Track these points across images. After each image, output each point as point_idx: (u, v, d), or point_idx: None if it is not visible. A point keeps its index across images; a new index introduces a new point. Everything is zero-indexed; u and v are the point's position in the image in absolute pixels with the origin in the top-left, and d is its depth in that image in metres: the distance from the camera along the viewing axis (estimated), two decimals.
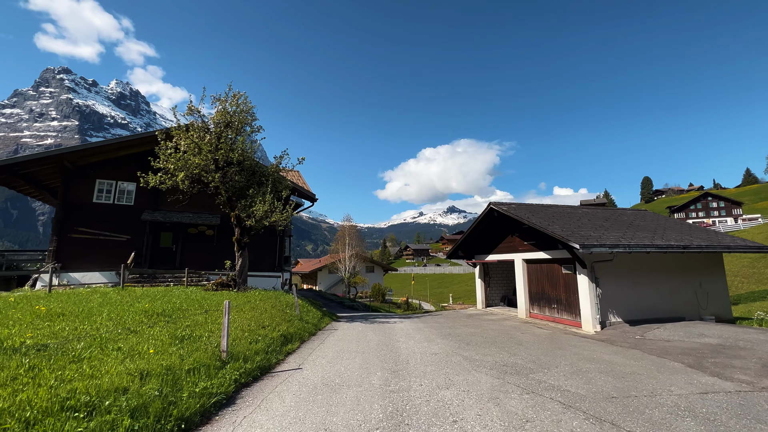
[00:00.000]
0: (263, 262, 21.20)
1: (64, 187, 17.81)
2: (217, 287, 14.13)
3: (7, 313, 7.52)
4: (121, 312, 8.11)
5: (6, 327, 6.28)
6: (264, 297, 12.92)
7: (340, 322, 14.64)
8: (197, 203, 20.65)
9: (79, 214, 18.01)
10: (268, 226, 17.51)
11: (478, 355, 8.40)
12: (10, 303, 9.33)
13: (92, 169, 18.64)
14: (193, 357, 5.65)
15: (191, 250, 20.41)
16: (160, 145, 14.95)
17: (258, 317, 9.63)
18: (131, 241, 18.87)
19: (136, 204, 19.41)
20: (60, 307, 8.43)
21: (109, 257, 17.85)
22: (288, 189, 16.36)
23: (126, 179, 19.22)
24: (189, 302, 10.19)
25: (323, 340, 10.02)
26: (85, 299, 10.04)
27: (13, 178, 17.00)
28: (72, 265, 17.41)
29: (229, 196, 15.30)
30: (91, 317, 7.48)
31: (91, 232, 18.12)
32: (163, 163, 14.73)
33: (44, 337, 5.75)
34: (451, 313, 19.68)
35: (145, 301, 9.63)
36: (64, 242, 17.55)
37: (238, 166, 15.41)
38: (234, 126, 15.45)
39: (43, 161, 16.78)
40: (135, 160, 18.90)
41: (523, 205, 17.51)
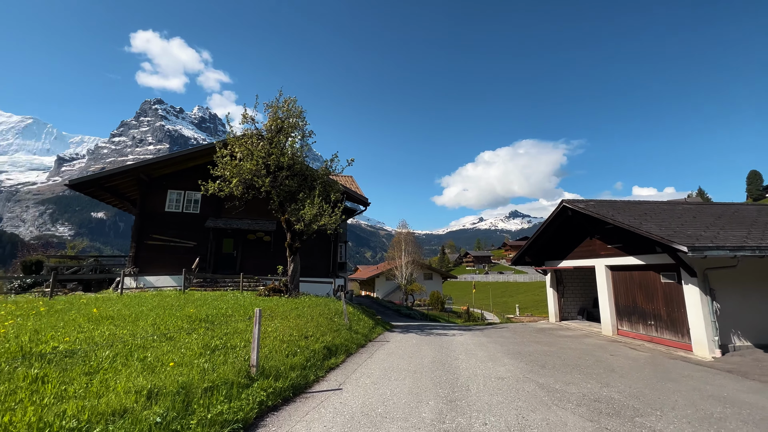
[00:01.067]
0: (317, 268, 21.05)
1: (141, 198, 19.43)
2: (269, 293, 13.99)
3: (67, 315, 7.73)
4: (167, 317, 7.96)
5: (54, 329, 6.28)
6: (313, 304, 12.38)
7: (394, 333, 13.59)
8: (255, 210, 21.25)
9: (153, 222, 19.49)
10: (321, 232, 17.27)
11: (557, 383, 6.74)
12: (81, 304, 9.85)
13: (164, 180, 20.12)
14: (218, 372, 5.00)
15: (250, 255, 21.00)
16: (218, 154, 15.43)
17: (302, 326, 8.98)
18: (197, 247, 19.92)
19: (202, 212, 20.51)
20: (115, 310, 8.58)
21: (178, 262, 18.96)
22: (338, 192, 15.92)
23: (193, 189, 20.41)
24: (236, 308, 9.94)
25: (371, 354, 9.04)
26: (143, 302, 10.30)
27: (100, 191, 18.93)
28: (148, 269, 18.81)
29: (281, 200, 15.24)
30: (136, 321, 7.37)
31: (163, 238, 19.47)
32: (221, 171, 15.14)
33: (80, 342, 5.55)
34: (519, 326, 17.53)
35: (192, 306, 9.54)
36: (141, 248, 19.05)
37: (289, 170, 15.31)
38: (285, 131, 15.45)
39: (123, 174, 18.44)
40: (200, 170, 19.97)
41: (603, 201, 14.98)
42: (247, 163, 14.16)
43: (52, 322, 6.93)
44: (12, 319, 7.07)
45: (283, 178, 14.92)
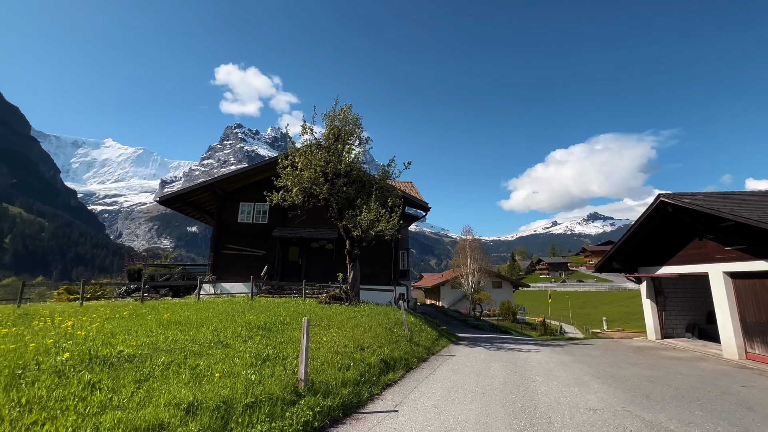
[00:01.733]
0: (378, 276, 20.75)
1: (218, 211, 21.12)
2: (330, 300, 13.93)
3: (145, 319, 8.27)
4: (228, 323, 8.10)
5: (127, 333, 6.64)
6: (372, 312, 11.95)
7: (460, 346, 12.55)
8: (318, 219, 21.77)
9: (228, 233, 21.00)
10: (380, 239, 16.94)
11: (672, 421, 5.28)
12: (161, 309, 10.66)
13: (237, 194, 21.65)
14: (264, 385, 4.69)
15: (314, 263, 21.50)
16: (280, 165, 16.04)
17: (359, 336, 8.54)
18: (266, 256, 20.97)
19: (270, 222, 21.60)
20: (185, 315, 9.02)
21: (249, 270, 20.09)
22: (397, 197, 15.46)
23: (261, 201, 21.58)
24: (294, 315, 9.89)
25: (434, 370, 8.23)
26: (212, 308, 10.80)
27: (184, 206, 21.01)
28: (224, 276, 20.24)
29: (339, 207, 15.25)
30: (200, 327, 7.58)
31: (236, 248, 20.87)
32: (283, 181, 15.69)
33: (144, 347, 5.72)
34: (608, 343, 15.16)
35: (253, 313, 9.70)
36: (218, 257, 20.61)
37: (346, 177, 15.30)
38: (342, 138, 15.53)
39: (202, 190, 20.22)
40: (267, 183, 21.06)
41: (715, 194, 12.32)
42: (306, 172, 14.43)
43: (129, 325, 7.41)
44: (99, 321, 7.73)
45: (341, 185, 14.92)
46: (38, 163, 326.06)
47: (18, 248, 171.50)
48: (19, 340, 5.69)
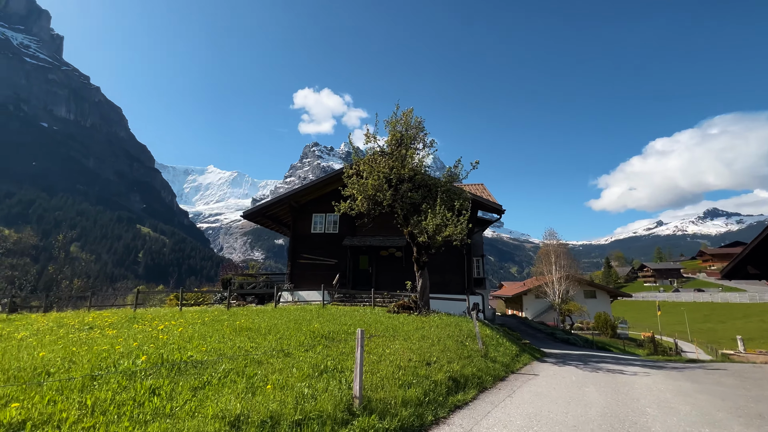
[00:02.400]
0: (450, 284, 19.77)
1: (293, 222, 22.39)
2: (398, 309, 13.51)
3: (222, 325, 8.77)
4: (294, 331, 8.15)
5: (201, 338, 7.02)
6: (442, 323, 11.18)
7: (546, 364, 11.05)
8: (386, 227, 21.66)
9: (303, 243, 22.08)
10: (450, 245, 16.10)
11: None
12: (239, 315, 11.35)
13: (309, 205, 22.73)
14: (317, 400, 4.40)
15: (384, 271, 21.39)
16: (345, 174, 16.33)
17: (425, 349, 7.91)
18: (338, 265, 21.49)
19: (340, 232, 22.18)
20: (257, 322, 9.38)
21: (323, 278, 20.74)
22: (465, 200, 14.55)
23: (332, 211, 22.24)
24: (360, 324, 9.65)
25: (512, 392, 7.19)
26: (284, 315, 11.15)
27: (264, 219, 22.73)
28: (301, 284, 21.24)
29: (405, 213, 14.87)
30: (267, 335, 7.73)
31: (311, 257, 21.79)
32: (349, 190, 15.91)
33: (211, 353, 5.91)
34: (748, 368, 12.02)
35: (319, 321, 9.70)
36: (295, 266, 21.74)
37: (410, 182, 14.90)
38: (404, 143, 15.24)
39: (278, 204, 21.66)
40: (336, 194, 21.65)
41: None
42: (370, 179, 14.39)
43: (207, 331, 7.89)
44: (183, 326, 8.40)
45: (405, 190, 14.55)
46: (160, 191, 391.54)
47: (148, 261, 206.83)
48: (113, 341, 6.33)
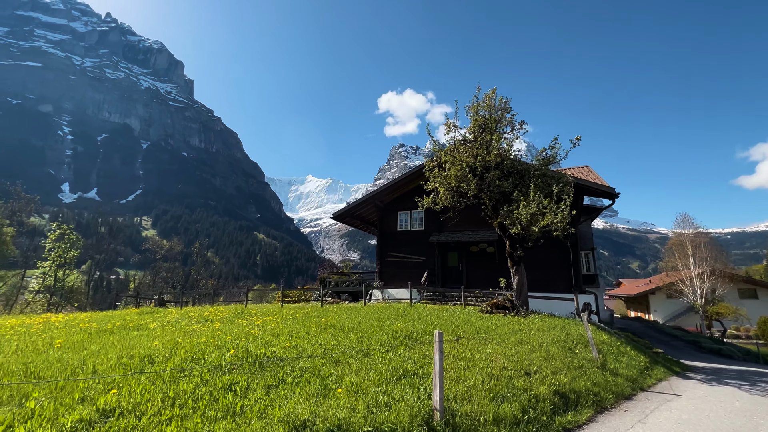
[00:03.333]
0: (552, 282, 17.52)
1: (379, 221, 22.64)
2: (492, 309, 12.31)
3: (309, 322, 9.02)
4: (376, 330, 7.87)
5: (288, 335, 7.20)
6: (544, 326, 9.73)
7: (690, 381, 8.72)
8: (475, 221, 20.33)
9: (389, 242, 22.15)
10: (549, 236, 14.19)
11: None
12: (328, 312, 11.67)
13: (394, 204, 22.70)
14: (392, 410, 3.92)
15: (475, 268, 20.10)
16: (426, 168, 15.72)
17: (523, 356, 6.82)
18: (425, 262, 20.95)
19: (426, 228, 21.60)
20: (343, 320, 9.41)
21: (411, 276, 20.43)
22: (566, 184, 12.61)
23: (416, 208, 21.85)
24: (448, 325, 8.92)
25: (644, 416, 5.66)
26: (370, 314, 11.06)
27: (352, 219, 23.50)
28: (390, 282, 21.33)
29: (493, 204, 13.57)
30: (349, 333, 7.60)
31: (398, 255, 21.72)
32: (431, 184, 15.26)
33: (293, 350, 5.94)
34: None
35: (404, 320, 9.26)
36: (384, 264, 21.93)
37: (498, 169, 13.53)
38: (489, 128, 13.95)
39: (364, 204, 22.11)
40: (419, 190, 21.24)
41: None
42: (452, 169, 13.52)
43: (295, 327, 8.14)
44: (276, 322, 8.85)
45: (493, 178, 13.26)
46: (270, 201, 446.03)
47: (264, 263, 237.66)
48: (214, 334, 6.88)
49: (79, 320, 9.90)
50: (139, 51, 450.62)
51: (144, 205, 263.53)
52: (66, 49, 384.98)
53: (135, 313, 13.03)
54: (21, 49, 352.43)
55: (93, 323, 9.04)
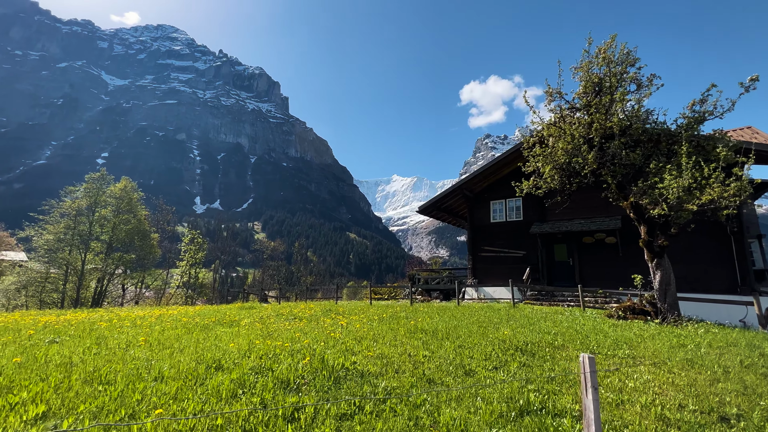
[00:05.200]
0: (704, 279, 13.52)
1: (469, 213, 20.72)
2: (625, 313, 9.64)
3: (397, 324, 7.98)
4: (477, 338, 6.40)
5: (374, 339, 6.23)
6: (716, 340, 6.98)
7: None
8: (587, 206, 17.09)
9: (482, 235, 20.08)
10: (703, 219, 10.75)
11: None
12: (418, 312, 10.53)
13: (485, 193, 20.51)
14: None
15: (590, 263, 16.82)
16: (525, 146, 13.49)
17: (705, 389, 4.63)
18: (526, 257, 18.36)
19: (525, 218, 18.97)
20: (434, 322, 8.14)
21: (510, 272, 18.13)
22: (732, 147, 9.28)
23: (511, 196, 19.45)
24: (570, 334, 6.94)
25: None
26: (466, 315, 9.56)
27: (439, 212, 21.99)
28: (485, 279, 19.30)
29: (618, 181, 10.78)
30: (444, 340, 6.29)
31: (493, 249, 19.52)
32: (532, 165, 13.02)
33: (377, 360, 4.90)
34: None
35: (510, 326, 7.54)
36: (477, 260, 19.96)
37: (624, 136, 10.69)
38: (605, 88, 11.17)
39: (451, 195, 20.43)
40: (514, 175, 18.76)
41: None
42: (560, 142, 11.14)
43: (380, 330, 7.17)
44: (361, 323, 8.02)
45: (617, 148, 10.50)
46: (359, 202, 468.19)
47: (356, 261, 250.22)
48: (293, 336, 6.28)
49: (188, 314, 10.58)
50: (244, 78, 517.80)
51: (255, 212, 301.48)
52: (192, 85, 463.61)
53: (237, 307, 13.79)
54: (162, 91, 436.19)
55: (197, 317, 9.46)
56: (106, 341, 5.85)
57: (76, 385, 3.45)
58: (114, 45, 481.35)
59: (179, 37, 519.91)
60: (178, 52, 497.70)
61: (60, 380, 3.60)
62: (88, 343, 5.65)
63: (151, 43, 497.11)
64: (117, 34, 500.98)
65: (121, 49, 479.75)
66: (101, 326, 7.71)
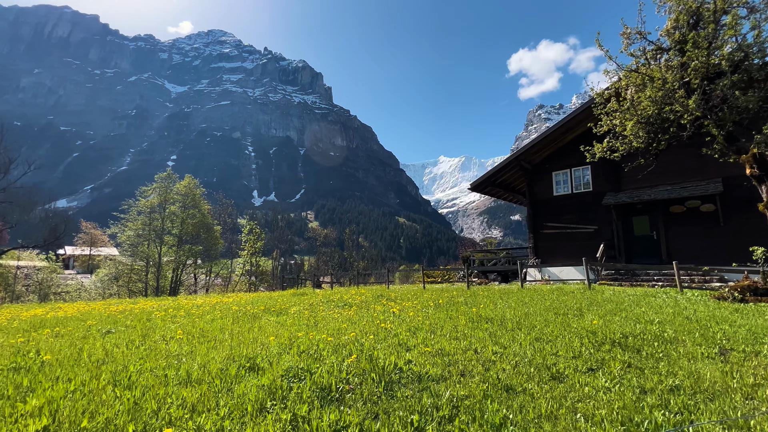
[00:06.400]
0: None
1: (528, 187, 18.80)
2: (743, 294, 7.74)
3: (456, 312, 7.08)
4: (557, 327, 5.28)
5: (430, 331, 5.40)
6: None
7: None
8: (674, 170, 14.52)
9: (544, 210, 18.14)
10: None
11: None
12: (478, 296, 9.50)
13: (546, 163, 18.41)
14: None
15: (680, 235, 14.35)
16: (597, 101, 11.52)
17: None
18: (598, 232, 16.22)
19: (596, 188, 16.70)
20: (499, 310, 7.08)
21: (578, 250, 16.17)
22: None
23: (578, 164, 17.23)
24: (680, 322, 5.51)
25: None
26: (536, 300, 8.34)
27: (493, 188, 20.28)
28: (549, 259, 17.50)
29: (729, 131, 8.63)
30: (516, 331, 5.27)
31: (557, 226, 17.56)
32: (607, 124, 11.11)
33: (436, 357, 4.06)
34: None
35: (597, 313, 6.24)
36: (538, 238, 18.15)
37: (736, 73, 8.47)
38: (704, 17, 8.94)
39: (507, 168, 18.62)
40: (582, 139, 16.48)
41: None
42: (648, 90, 9.19)
43: (437, 318, 6.31)
44: (415, 310, 7.23)
45: (726, 89, 8.35)
46: (407, 186, 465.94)
47: (407, 245, 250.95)
48: (341, 326, 5.67)
49: (241, 302, 10.59)
50: (289, 72, 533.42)
51: (307, 202, 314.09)
52: (242, 85, 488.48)
53: (290, 294, 13.78)
54: (217, 93, 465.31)
55: (248, 306, 9.36)
56: (154, 333, 5.69)
57: (96, 389, 3.06)
58: (173, 55, 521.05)
59: (227, 39, 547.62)
60: (228, 54, 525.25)
61: (85, 381, 3.26)
62: (134, 335, 5.52)
63: (203, 49, 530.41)
64: (174, 44, 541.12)
65: (179, 58, 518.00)
66: (157, 316, 7.79)
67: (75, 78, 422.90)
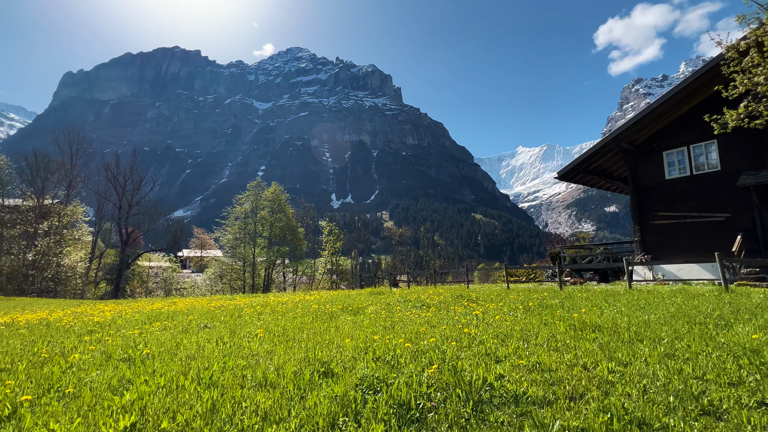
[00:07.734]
0: None
1: (630, 171, 16.14)
2: None
3: (550, 317, 6.15)
4: (695, 341, 4.11)
5: (522, 339, 4.67)
6: None
7: None
8: None
9: (653, 197, 15.40)
10: None
11: None
12: (575, 299, 8.27)
13: (653, 141, 15.60)
14: None
15: None
16: (727, 57, 9.26)
17: None
18: (732, 220, 13.15)
19: (725, 167, 13.59)
20: (608, 315, 5.94)
21: (702, 244, 13.31)
22: None
23: (699, 139, 14.21)
24: None
25: None
26: (653, 304, 6.87)
27: (585, 175, 17.88)
28: (660, 255, 14.77)
29: None
30: (635, 343, 4.24)
31: (672, 215, 14.73)
32: (744, 84, 8.86)
33: (534, 374, 3.39)
34: None
35: (751, 324, 4.76)
36: (646, 230, 15.47)
37: None
38: None
39: (602, 151, 16.23)
40: (703, 109, 13.55)
41: None
42: None
43: (529, 323, 5.49)
44: (501, 314, 6.47)
45: None
46: (482, 181, 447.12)
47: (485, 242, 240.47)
48: (419, 330, 5.25)
49: (321, 300, 10.88)
50: (359, 78, 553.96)
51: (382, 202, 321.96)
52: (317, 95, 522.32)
53: (368, 293, 13.85)
54: (296, 106, 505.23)
55: (327, 304, 9.53)
56: (241, 330, 5.96)
57: (181, 386, 3.13)
58: (258, 75, 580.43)
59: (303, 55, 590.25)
60: (304, 69, 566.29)
61: (174, 377, 3.38)
62: (224, 332, 5.84)
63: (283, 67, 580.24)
64: (259, 66, 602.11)
65: (263, 78, 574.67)
66: (246, 312, 8.31)
67: (185, 106, 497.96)
